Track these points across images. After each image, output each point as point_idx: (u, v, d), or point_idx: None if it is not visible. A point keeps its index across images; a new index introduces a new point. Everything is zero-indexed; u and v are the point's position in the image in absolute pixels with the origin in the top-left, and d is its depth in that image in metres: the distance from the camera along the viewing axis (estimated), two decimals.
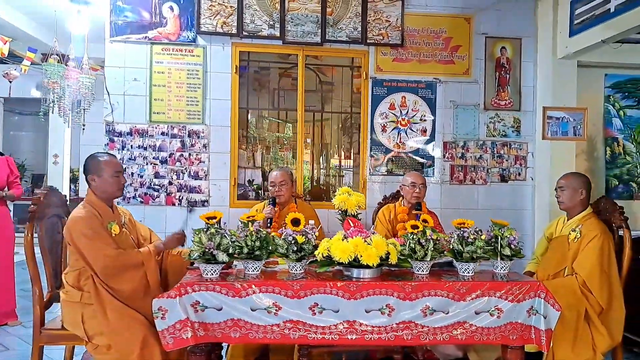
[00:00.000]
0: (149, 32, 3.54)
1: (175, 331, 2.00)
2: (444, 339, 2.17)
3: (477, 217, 3.41)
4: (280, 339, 2.09)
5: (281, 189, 3.13)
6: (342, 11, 3.75)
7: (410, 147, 3.85)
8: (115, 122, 3.53)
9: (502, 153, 3.94)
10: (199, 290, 2.05)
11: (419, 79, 3.85)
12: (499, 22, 3.94)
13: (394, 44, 3.80)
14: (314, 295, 2.10)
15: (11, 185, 3.77)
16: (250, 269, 2.20)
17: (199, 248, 2.13)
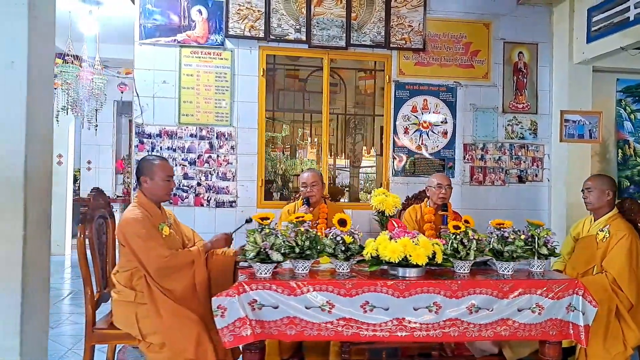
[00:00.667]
0: (177, 35, 3.59)
1: (235, 329, 2.07)
2: (488, 335, 2.26)
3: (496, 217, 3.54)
4: (333, 336, 2.17)
5: (312, 189, 3.20)
6: (366, 16, 3.82)
7: (432, 148, 3.94)
8: (144, 124, 3.56)
9: (520, 155, 4.05)
10: (256, 289, 2.11)
11: (440, 83, 3.95)
12: (516, 28, 4.05)
13: (416, 49, 3.89)
14: (365, 294, 2.17)
15: None
16: (300, 268, 2.27)
17: (253, 248, 2.19)
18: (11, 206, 1.48)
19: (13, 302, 1.49)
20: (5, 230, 1.48)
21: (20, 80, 1.50)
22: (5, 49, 1.49)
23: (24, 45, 1.51)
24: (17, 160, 1.49)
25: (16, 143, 1.50)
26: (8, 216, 1.48)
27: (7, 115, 1.49)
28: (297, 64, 4.10)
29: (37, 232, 1.55)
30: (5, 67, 1.49)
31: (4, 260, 1.48)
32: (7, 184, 1.48)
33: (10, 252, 1.48)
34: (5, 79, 1.49)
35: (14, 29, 1.50)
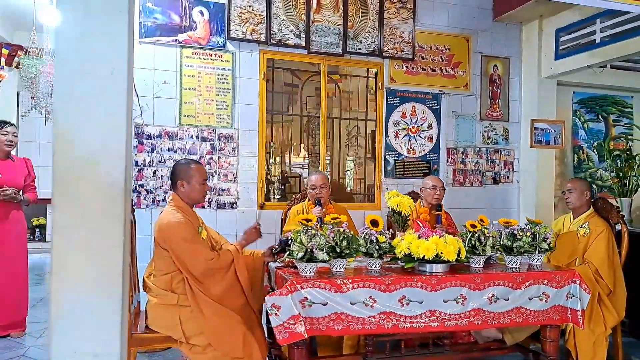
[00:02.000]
0: (178, 35, 3.55)
1: (289, 326, 2.16)
2: (505, 322, 2.53)
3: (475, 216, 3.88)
4: (376, 329, 2.33)
5: (321, 191, 3.33)
6: (361, 25, 4.01)
7: (419, 152, 4.21)
8: (144, 125, 3.50)
9: (494, 159, 4.44)
10: (306, 288, 2.22)
11: (426, 91, 4.23)
12: (491, 42, 4.44)
13: (406, 58, 4.13)
14: (403, 289, 2.35)
15: (27, 188, 3.58)
16: (338, 267, 2.40)
17: (300, 248, 2.29)
18: (115, 211, 1.49)
19: (114, 307, 1.50)
20: (111, 235, 1.48)
21: (121, 88, 1.51)
22: (107, 58, 1.49)
23: (123, 53, 1.51)
24: (119, 164, 1.51)
25: (119, 148, 1.51)
26: (113, 221, 1.49)
27: (112, 121, 1.49)
28: (294, 68, 4.19)
29: (128, 236, 1.56)
30: (108, 75, 1.49)
31: (108, 266, 1.49)
32: (112, 188, 1.49)
33: (113, 257, 1.49)
34: (107, 86, 1.49)
35: (115, 38, 1.50)
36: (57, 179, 1.45)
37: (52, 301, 1.46)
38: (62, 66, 1.47)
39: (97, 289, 1.48)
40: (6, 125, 3.53)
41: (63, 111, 1.46)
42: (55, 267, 1.45)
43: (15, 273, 3.54)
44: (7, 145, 3.51)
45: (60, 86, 1.47)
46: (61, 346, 1.45)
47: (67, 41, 1.47)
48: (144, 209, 3.48)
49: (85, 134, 1.48)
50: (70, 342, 1.46)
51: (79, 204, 1.46)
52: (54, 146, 1.46)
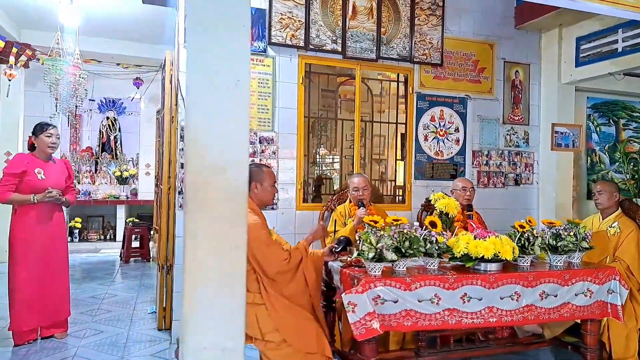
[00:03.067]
0: None
1: (365, 322, 2.28)
2: (555, 318, 2.70)
3: (499, 216, 4.05)
4: (441, 325, 2.46)
5: (364, 193, 3.45)
6: (394, 31, 4.14)
7: (447, 154, 4.37)
8: None
9: (516, 161, 4.62)
10: (379, 286, 2.34)
11: (453, 95, 4.38)
12: (513, 49, 4.61)
13: (435, 63, 4.28)
14: (464, 287, 2.50)
15: (67, 190, 3.62)
16: (400, 266, 2.53)
17: (369, 248, 2.41)
18: (238, 214, 1.59)
19: (238, 304, 1.59)
20: (234, 237, 1.58)
21: (245, 98, 1.60)
22: (233, 70, 1.58)
23: (246, 65, 1.61)
24: (242, 171, 1.60)
25: (242, 155, 1.60)
26: (236, 223, 1.58)
27: (236, 130, 1.58)
28: (329, 72, 4.30)
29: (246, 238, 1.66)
30: (233, 87, 1.58)
31: (232, 265, 1.58)
32: (236, 193, 1.58)
33: (237, 257, 1.58)
34: (232, 96, 1.58)
35: (239, 49, 1.59)
36: (189, 184, 1.54)
37: (185, 299, 1.55)
38: (192, 78, 1.56)
39: (223, 288, 1.58)
40: (49, 127, 3.57)
41: (194, 121, 1.55)
42: (188, 267, 1.54)
43: (59, 274, 3.58)
44: (51, 147, 3.55)
45: (191, 97, 1.56)
46: (193, 342, 1.55)
47: (197, 54, 1.56)
48: None
49: (214, 142, 1.57)
50: (201, 338, 1.55)
51: (208, 208, 1.55)
52: (186, 154, 1.55)
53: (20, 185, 3.40)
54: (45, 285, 3.46)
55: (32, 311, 3.37)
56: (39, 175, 3.46)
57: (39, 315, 3.41)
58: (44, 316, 3.44)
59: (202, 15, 1.57)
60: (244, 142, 1.63)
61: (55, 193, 3.45)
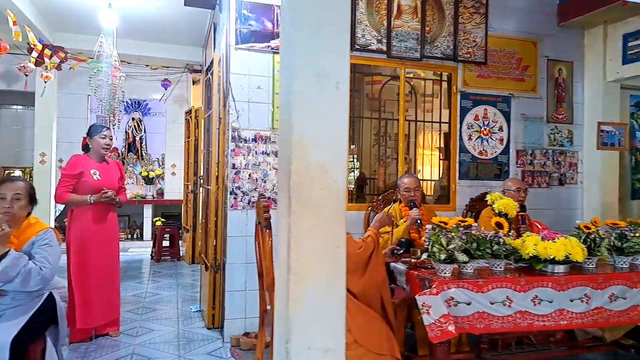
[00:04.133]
0: (271, 41, 3.63)
1: (441, 325, 2.27)
2: (623, 320, 2.66)
3: (543, 217, 3.99)
4: (513, 328, 2.44)
5: (415, 193, 3.44)
6: (438, 30, 4.11)
7: (491, 154, 4.33)
8: (241, 129, 3.58)
9: (560, 160, 4.57)
10: (452, 288, 2.33)
11: (497, 94, 4.34)
12: (556, 46, 4.56)
13: (479, 62, 4.24)
14: (535, 289, 2.47)
15: (119, 190, 3.66)
16: (469, 268, 2.51)
17: (440, 250, 2.39)
18: (339, 215, 1.59)
19: (340, 305, 1.59)
20: (336, 238, 1.58)
21: (344, 100, 1.60)
22: (333, 72, 1.58)
23: (345, 68, 1.60)
24: (342, 172, 1.60)
25: (342, 156, 1.60)
26: (337, 224, 1.58)
27: (337, 131, 1.58)
28: (372, 72, 4.29)
29: None
30: (333, 89, 1.58)
31: (334, 266, 1.58)
32: (337, 194, 1.58)
33: (338, 258, 1.58)
34: (333, 99, 1.58)
35: (339, 53, 1.59)
36: (294, 184, 1.54)
37: (291, 300, 1.55)
38: (298, 79, 1.56)
39: (326, 288, 1.58)
40: (104, 129, 3.61)
41: (299, 120, 1.55)
42: (294, 267, 1.54)
43: (112, 273, 3.62)
44: (105, 148, 3.58)
45: (297, 98, 1.55)
46: (299, 343, 1.55)
47: (301, 55, 1.56)
48: (240, 210, 3.56)
49: (317, 142, 1.57)
50: (306, 338, 1.55)
51: (312, 208, 1.56)
52: (291, 153, 1.55)
53: (77, 186, 3.44)
54: (100, 284, 3.50)
55: (89, 310, 3.41)
56: (94, 176, 3.50)
57: (95, 313, 3.45)
58: (99, 315, 3.48)
59: (305, 17, 1.57)
60: (344, 143, 1.62)
61: (110, 194, 3.49)
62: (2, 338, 1.94)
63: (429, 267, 2.57)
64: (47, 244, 2.23)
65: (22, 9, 5.11)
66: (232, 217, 3.56)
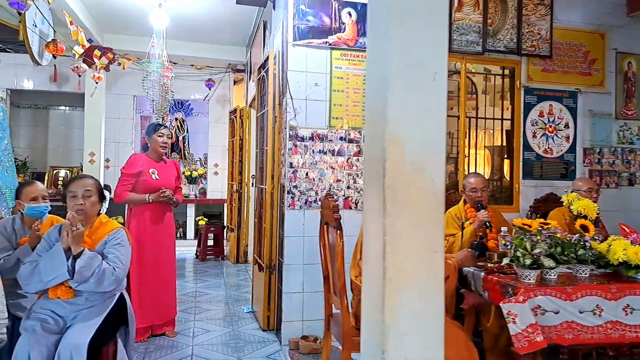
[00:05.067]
0: (329, 37, 3.54)
1: (528, 335, 2.12)
2: None
3: (611, 219, 3.74)
4: (603, 339, 2.26)
5: (482, 194, 3.26)
6: (500, 23, 3.92)
7: (557, 152, 4.10)
8: (298, 127, 3.50)
9: (630, 159, 4.29)
10: (539, 295, 2.17)
11: (563, 89, 4.11)
12: (626, 39, 4.28)
13: (544, 55, 4.03)
14: (626, 297, 2.28)
15: (176, 190, 3.65)
16: (553, 274, 2.34)
17: (524, 254, 2.24)
18: (437, 217, 1.48)
19: (438, 313, 1.48)
20: (433, 241, 1.47)
21: (442, 93, 1.49)
22: (430, 63, 1.47)
23: (443, 58, 1.49)
24: (440, 170, 1.49)
25: (439, 154, 1.49)
26: (435, 226, 1.47)
27: (434, 127, 1.47)
28: None
29: None
30: (430, 81, 1.47)
31: (432, 271, 1.47)
32: (434, 194, 1.47)
33: (436, 263, 1.47)
34: (430, 92, 1.47)
35: (437, 41, 1.48)
36: (389, 184, 1.44)
37: (387, 308, 1.45)
38: (392, 70, 1.45)
39: (424, 295, 1.47)
40: (161, 127, 3.61)
41: (394, 115, 1.45)
42: (389, 273, 1.44)
43: (169, 272, 3.62)
44: (162, 146, 3.58)
45: (391, 91, 1.45)
46: (395, 353, 1.44)
47: (395, 45, 1.45)
48: (297, 209, 3.48)
49: (413, 139, 1.46)
50: (402, 348, 1.45)
51: (409, 210, 1.45)
52: (385, 151, 1.45)
53: (136, 184, 3.45)
54: (158, 284, 3.49)
55: (147, 310, 3.41)
56: (153, 176, 3.50)
57: (152, 313, 3.45)
58: (156, 314, 3.48)
59: (400, 7, 1.46)
60: (441, 140, 1.51)
61: (168, 193, 3.48)
62: (79, 339, 1.92)
63: (508, 272, 2.41)
64: (119, 244, 2.21)
65: (75, 11, 5.22)
66: (289, 216, 3.49)
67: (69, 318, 2.08)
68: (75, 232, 2.03)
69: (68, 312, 2.09)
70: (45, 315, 2.05)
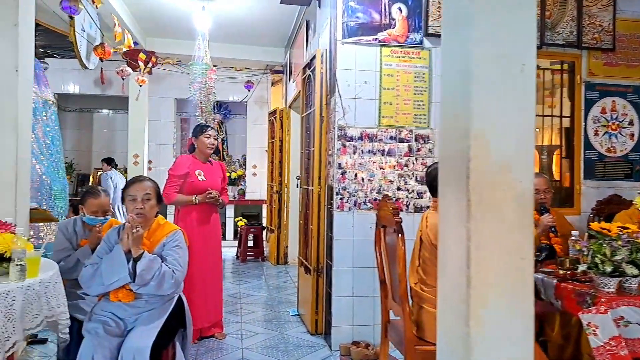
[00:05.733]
0: (378, 33, 3.44)
1: (611, 348, 1.95)
2: None
3: None
4: None
5: (546, 196, 3.08)
6: (559, 15, 3.72)
7: (620, 151, 3.86)
8: (347, 127, 3.42)
9: None
10: (621, 306, 2.00)
11: (627, 84, 3.86)
12: None
13: (606, 48, 3.79)
14: None
15: (221, 192, 3.62)
16: (634, 282, 2.16)
17: (602, 260, 2.07)
18: (525, 221, 1.36)
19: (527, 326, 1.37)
20: (522, 247, 1.36)
21: (530, 87, 1.37)
22: (518, 54, 1.35)
23: (532, 49, 1.37)
24: (528, 171, 1.37)
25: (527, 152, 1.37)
26: (523, 231, 1.36)
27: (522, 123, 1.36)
28: None
29: None
30: (518, 73, 1.35)
31: (520, 280, 1.36)
32: (522, 197, 1.36)
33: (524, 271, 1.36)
34: (517, 85, 1.36)
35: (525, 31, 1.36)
36: (473, 185, 1.33)
37: (472, 319, 1.34)
38: (476, 62, 1.34)
39: (511, 306, 1.36)
40: (208, 128, 3.59)
41: (479, 110, 1.34)
42: (475, 281, 1.33)
43: (215, 274, 3.60)
44: (209, 148, 3.57)
45: (476, 84, 1.34)
46: None
47: (479, 35, 1.35)
48: (346, 211, 3.39)
49: (499, 136, 1.35)
50: None
51: (495, 213, 1.34)
52: (469, 149, 1.34)
53: (183, 186, 3.45)
54: (206, 285, 3.47)
55: (196, 311, 3.39)
56: (199, 177, 3.49)
57: (200, 315, 3.43)
58: (204, 316, 3.46)
59: None
60: (530, 137, 1.39)
61: (215, 194, 3.46)
62: (142, 343, 1.89)
63: (582, 280, 2.25)
64: (177, 246, 2.18)
65: (120, 14, 5.31)
66: (337, 218, 3.40)
67: (129, 321, 2.07)
68: (135, 234, 2.01)
69: (129, 315, 2.07)
70: (107, 317, 2.04)
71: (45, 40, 6.30)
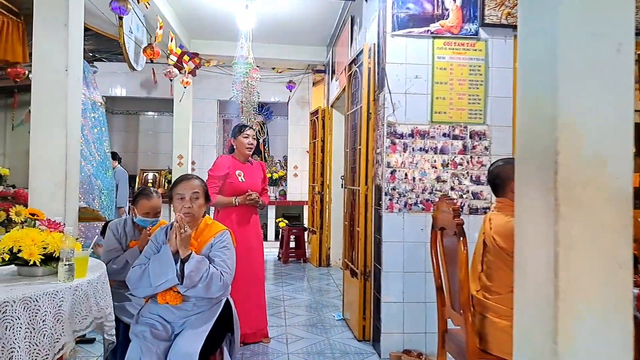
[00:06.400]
0: (430, 25, 3.27)
1: None
2: None
3: None
4: None
5: None
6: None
7: None
8: (397, 123, 3.26)
9: None
10: None
11: None
12: None
13: None
14: None
15: (262, 192, 3.55)
16: None
17: None
18: (624, 222, 1.18)
19: (624, 343, 1.18)
20: (619, 252, 1.18)
21: (628, 69, 1.19)
22: (612, 32, 1.18)
23: (631, 23, 1.20)
24: (626, 165, 1.19)
25: (626, 144, 1.19)
26: (621, 234, 1.18)
27: (618, 111, 1.18)
28: None
29: None
30: (613, 54, 1.18)
31: (617, 289, 1.18)
32: (619, 193, 1.18)
33: (623, 279, 1.18)
34: (612, 67, 1.18)
35: (621, 6, 1.19)
36: (561, 181, 1.16)
37: (560, 335, 1.17)
38: (564, 41, 1.18)
39: (607, 321, 1.18)
40: (246, 128, 3.53)
41: (569, 98, 1.17)
42: (564, 292, 1.16)
43: (259, 277, 3.51)
44: (248, 148, 3.50)
45: (564, 67, 1.18)
46: None
47: (567, 10, 1.18)
48: (396, 213, 3.24)
49: (591, 126, 1.18)
50: None
51: (587, 213, 1.17)
52: (557, 141, 1.17)
53: (223, 187, 3.39)
54: (249, 289, 3.38)
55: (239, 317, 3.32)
56: (239, 178, 3.42)
57: (245, 321, 3.35)
58: (250, 322, 3.37)
59: None
60: (628, 128, 1.20)
61: (254, 196, 3.38)
62: (190, 348, 1.82)
63: None
64: (225, 247, 2.10)
65: (166, 17, 5.36)
66: (387, 220, 3.25)
67: (177, 324, 2.00)
68: (183, 234, 1.94)
69: (176, 318, 2.01)
70: (154, 320, 1.98)
71: (94, 44, 6.48)
